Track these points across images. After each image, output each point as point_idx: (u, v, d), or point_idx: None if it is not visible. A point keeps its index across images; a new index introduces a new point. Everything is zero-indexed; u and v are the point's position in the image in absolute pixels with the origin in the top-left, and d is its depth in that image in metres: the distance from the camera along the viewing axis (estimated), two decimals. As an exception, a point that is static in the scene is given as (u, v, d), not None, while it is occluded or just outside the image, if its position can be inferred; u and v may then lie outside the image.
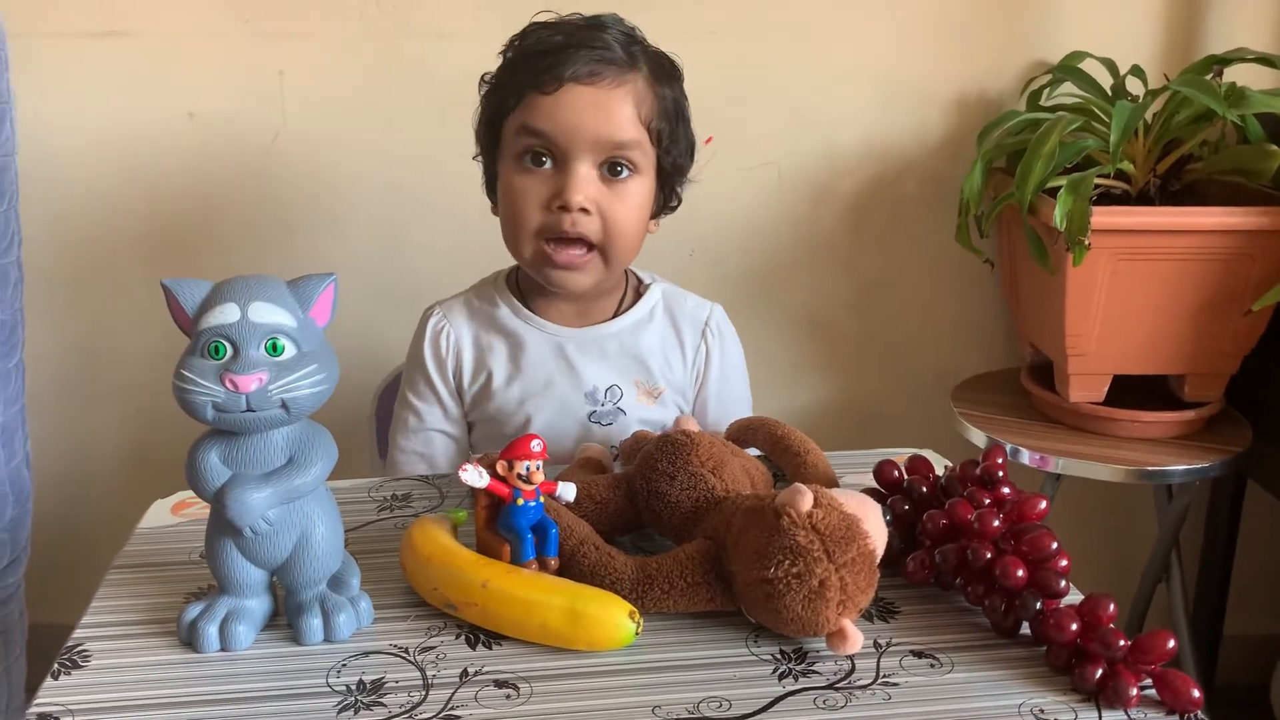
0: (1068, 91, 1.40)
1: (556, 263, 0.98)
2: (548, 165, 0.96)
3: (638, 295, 1.09)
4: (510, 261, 1.06)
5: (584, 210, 0.96)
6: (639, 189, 0.99)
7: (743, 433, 0.94)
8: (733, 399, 1.12)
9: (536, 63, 0.95)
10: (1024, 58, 1.45)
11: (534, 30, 0.99)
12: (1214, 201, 1.27)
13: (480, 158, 1.06)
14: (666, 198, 1.05)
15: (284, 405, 0.66)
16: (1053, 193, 1.19)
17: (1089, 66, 1.39)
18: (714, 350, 1.09)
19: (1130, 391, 1.31)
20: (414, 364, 1.09)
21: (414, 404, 1.08)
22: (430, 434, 1.08)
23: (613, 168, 0.97)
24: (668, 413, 1.07)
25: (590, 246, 0.98)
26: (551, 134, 0.95)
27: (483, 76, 1.03)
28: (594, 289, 1.03)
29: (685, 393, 1.10)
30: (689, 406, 1.10)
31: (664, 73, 1.00)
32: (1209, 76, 1.29)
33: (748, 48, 1.43)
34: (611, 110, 0.95)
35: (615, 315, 1.07)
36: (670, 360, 1.08)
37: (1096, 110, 1.32)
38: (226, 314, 0.66)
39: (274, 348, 0.66)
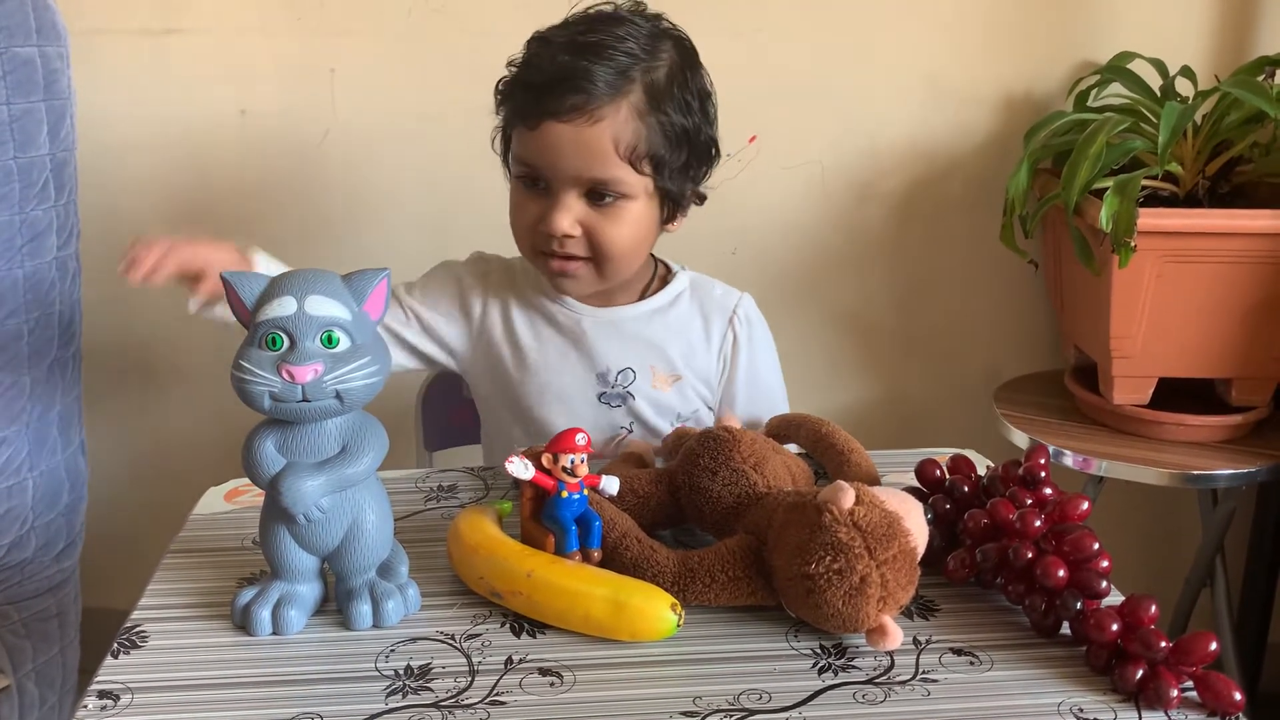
0: (1116, 92, 1.39)
1: (551, 269, 1.01)
2: (541, 187, 0.99)
3: (664, 283, 1.10)
4: None
5: (568, 235, 0.98)
6: (632, 209, 0.99)
7: (785, 429, 0.95)
8: (765, 390, 1.11)
9: (523, 94, 0.97)
10: (1071, 58, 1.44)
11: (535, 48, 0.99)
12: (1264, 204, 1.26)
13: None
14: (677, 205, 1.03)
15: (338, 396, 0.68)
16: (1099, 194, 1.18)
17: (1138, 67, 1.38)
18: (742, 338, 1.09)
19: (1176, 394, 1.30)
20: (431, 275, 1.10)
21: (399, 296, 1.08)
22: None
23: (598, 196, 0.98)
24: (684, 400, 1.07)
25: (582, 258, 1.00)
26: (537, 166, 0.97)
27: (498, 83, 1.04)
28: (600, 288, 1.04)
29: (710, 381, 1.09)
30: (714, 395, 1.10)
31: (663, 95, 0.97)
32: (1261, 78, 1.28)
33: (792, 46, 1.43)
34: (586, 147, 0.95)
35: (638, 300, 1.08)
36: (694, 347, 1.08)
37: (1145, 111, 1.31)
38: (284, 307, 0.67)
39: (329, 340, 0.68)
